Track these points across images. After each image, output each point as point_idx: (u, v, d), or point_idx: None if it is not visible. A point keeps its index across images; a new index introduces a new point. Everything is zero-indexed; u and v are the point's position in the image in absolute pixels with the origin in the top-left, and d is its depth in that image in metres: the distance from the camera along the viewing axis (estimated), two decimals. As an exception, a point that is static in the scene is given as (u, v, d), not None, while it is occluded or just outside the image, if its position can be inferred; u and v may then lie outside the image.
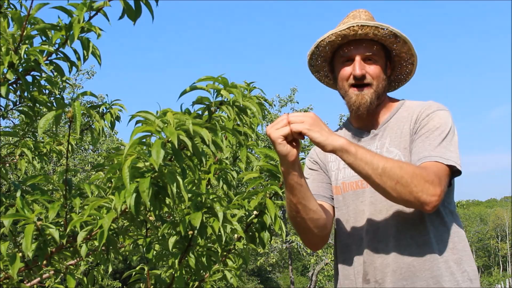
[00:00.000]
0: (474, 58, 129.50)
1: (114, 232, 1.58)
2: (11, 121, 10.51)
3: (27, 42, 1.55)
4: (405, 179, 1.46)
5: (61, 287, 2.03)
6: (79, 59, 1.59)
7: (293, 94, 19.44)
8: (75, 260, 1.82)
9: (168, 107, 1.37)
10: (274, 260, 19.84)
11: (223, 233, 1.60)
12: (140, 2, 1.53)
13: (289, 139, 1.49)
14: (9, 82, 1.53)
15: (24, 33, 1.53)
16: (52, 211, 1.43)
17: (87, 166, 14.56)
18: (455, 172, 1.59)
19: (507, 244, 58.93)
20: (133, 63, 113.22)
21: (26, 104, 2.01)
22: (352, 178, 1.74)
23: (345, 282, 1.75)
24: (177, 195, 1.32)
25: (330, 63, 1.81)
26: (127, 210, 1.40)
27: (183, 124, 1.28)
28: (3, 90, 1.50)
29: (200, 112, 1.50)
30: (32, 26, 1.55)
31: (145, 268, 1.81)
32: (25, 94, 1.61)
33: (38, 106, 1.90)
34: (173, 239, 1.66)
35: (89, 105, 1.67)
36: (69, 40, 1.51)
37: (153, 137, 1.32)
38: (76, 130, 1.39)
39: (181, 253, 1.69)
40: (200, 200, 1.62)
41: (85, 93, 1.69)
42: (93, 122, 2.11)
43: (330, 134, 1.48)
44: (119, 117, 2.19)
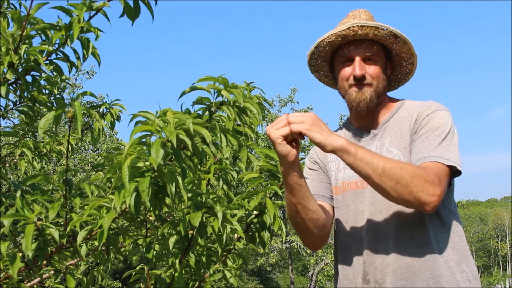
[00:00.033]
0: (474, 58, 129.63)
1: (114, 232, 1.58)
2: (11, 121, 10.51)
3: (26, 42, 1.55)
4: (405, 179, 1.46)
5: (61, 287, 2.03)
6: (78, 59, 1.59)
7: (293, 94, 19.45)
8: (75, 260, 1.82)
9: (168, 107, 1.37)
10: (274, 260, 19.84)
11: (223, 232, 1.60)
12: (139, 1, 1.53)
13: (289, 139, 1.48)
14: (9, 82, 1.53)
15: (24, 33, 1.53)
16: (52, 211, 1.43)
17: (87, 166, 14.56)
18: (455, 172, 1.59)
19: (507, 244, 58.91)
20: (133, 63, 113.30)
21: (26, 104, 2.01)
22: (352, 178, 1.74)
23: (344, 282, 1.75)
24: (177, 194, 1.32)
25: (330, 63, 1.81)
26: (127, 210, 1.40)
27: (183, 124, 1.28)
28: (3, 90, 1.50)
29: (201, 112, 1.50)
30: (32, 26, 1.55)
31: (145, 268, 1.81)
32: (25, 94, 1.61)
33: (38, 106, 1.90)
34: (173, 239, 1.65)
35: (89, 105, 1.67)
36: (69, 40, 1.51)
37: (153, 137, 1.32)
38: (78, 129, 1.39)
39: (181, 252, 1.68)
40: (201, 200, 1.62)
41: (85, 93, 1.69)
42: (93, 122, 2.11)
43: (330, 134, 1.48)
44: (119, 116, 2.19)
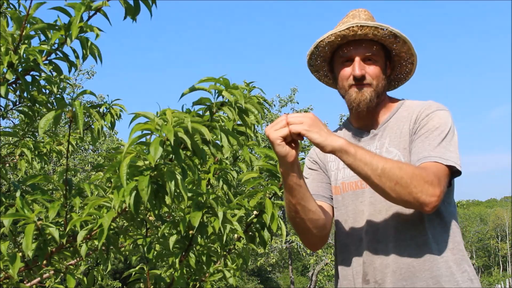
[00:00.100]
0: (474, 58, 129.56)
1: (114, 231, 1.58)
2: (11, 121, 10.52)
3: (26, 42, 1.55)
4: (404, 179, 1.46)
5: (61, 287, 2.03)
6: (77, 58, 1.59)
7: (293, 94, 19.45)
8: (75, 260, 1.82)
9: (168, 108, 1.37)
10: (274, 260, 19.84)
11: (223, 232, 1.60)
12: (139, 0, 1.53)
13: (288, 140, 1.48)
14: (8, 82, 1.53)
15: (23, 33, 1.53)
16: (52, 210, 1.43)
17: (87, 166, 14.56)
18: (454, 172, 1.58)
19: (507, 244, 58.88)
20: (133, 63, 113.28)
21: (26, 104, 2.01)
22: (352, 178, 1.74)
23: (343, 283, 1.75)
24: (176, 193, 1.32)
25: (330, 63, 1.81)
26: (126, 209, 1.40)
27: (182, 122, 1.28)
28: (2, 90, 1.50)
29: (201, 113, 1.50)
30: (31, 26, 1.55)
31: (145, 268, 1.81)
32: (25, 94, 1.61)
33: (38, 106, 1.90)
34: (173, 238, 1.65)
35: (89, 105, 1.67)
36: (68, 39, 1.51)
37: (153, 137, 1.32)
38: (80, 128, 1.39)
39: (182, 252, 1.69)
40: (201, 199, 1.62)
41: (84, 91, 1.68)
42: (93, 122, 2.11)
43: (329, 134, 1.47)
44: (120, 116, 2.19)
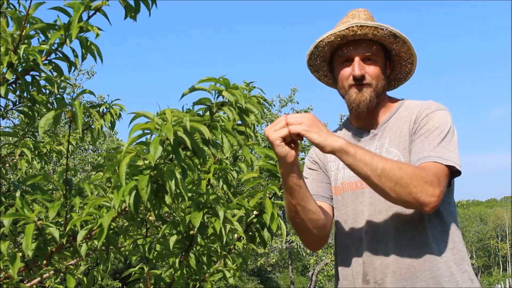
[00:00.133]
0: (474, 58, 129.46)
1: (114, 231, 1.57)
2: (11, 121, 10.52)
3: (26, 42, 1.55)
4: (404, 180, 1.46)
5: (61, 287, 2.03)
6: (76, 57, 1.59)
7: (293, 94, 19.43)
8: (75, 260, 1.82)
9: (168, 107, 1.37)
10: (274, 260, 19.84)
11: (224, 233, 1.60)
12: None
13: (287, 140, 1.48)
14: (8, 82, 1.53)
15: (23, 33, 1.53)
16: (52, 210, 1.43)
17: (87, 166, 14.56)
18: (454, 172, 1.58)
19: (507, 244, 58.86)
20: (133, 63, 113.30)
21: (26, 104, 2.01)
22: (352, 179, 1.74)
23: (343, 283, 1.75)
24: (176, 193, 1.32)
25: (329, 63, 1.81)
26: (126, 209, 1.40)
27: (181, 122, 1.28)
28: (2, 90, 1.50)
29: (201, 113, 1.50)
30: (31, 25, 1.55)
31: (145, 267, 1.81)
32: (25, 94, 1.61)
33: (38, 106, 1.90)
34: (174, 239, 1.65)
35: (89, 105, 1.67)
36: (68, 39, 1.50)
37: (153, 136, 1.32)
38: (79, 128, 1.39)
39: (182, 252, 1.68)
40: (202, 200, 1.61)
41: (84, 91, 1.68)
42: (93, 122, 2.11)
43: (328, 135, 1.47)
44: (120, 116, 2.19)
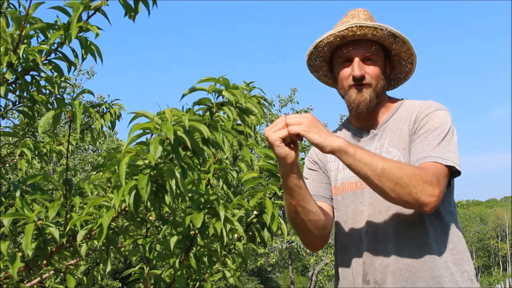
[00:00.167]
0: (474, 58, 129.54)
1: (114, 231, 1.57)
2: (11, 121, 10.53)
3: (25, 42, 1.55)
4: (404, 180, 1.46)
5: (61, 287, 2.03)
6: (76, 57, 1.59)
7: (293, 94, 19.42)
8: (75, 260, 1.82)
9: (168, 107, 1.37)
10: (274, 260, 19.83)
11: (225, 233, 1.59)
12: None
13: (287, 141, 1.47)
14: (8, 82, 1.53)
15: (23, 33, 1.53)
16: (52, 210, 1.43)
17: (87, 166, 14.56)
18: (454, 172, 1.58)
19: (507, 244, 58.86)
20: (133, 63, 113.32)
21: (26, 104, 2.01)
22: (352, 179, 1.74)
23: (343, 283, 1.75)
24: (177, 193, 1.32)
25: (329, 63, 1.81)
26: (126, 209, 1.40)
27: (181, 121, 1.28)
28: (2, 90, 1.50)
29: (202, 113, 1.50)
30: (31, 25, 1.55)
31: (145, 268, 1.81)
32: (24, 94, 1.61)
33: (38, 106, 1.90)
34: (174, 239, 1.65)
35: (89, 105, 1.67)
36: (67, 39, 1.50)
37: (154, 136, 1.32)
38: (77, 128, 1.39)
39: (183, 252, 1.68)
40: (202, 200, 1.61)
41: (83, 91, 1.68)
42: (93, 122, 2.10)
43: (328, 135, 1.47)
44: (119, 116, 2.19)
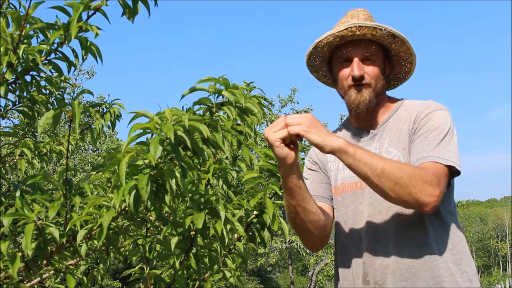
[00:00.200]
0: (474, 58, 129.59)
1: (114, 231, 1.57)
2: (11, 121, 10.53)
3: (25, 41, 1.55)
4: (403, 180, 1.46)
5: (61, 287, 2.02)
6: (76, 57, 1.59)
7: (293, 94, 19.41)
8: (75, 260, 1.82)
9: (168, 107, 1.37)
10: (274, 260, 19.83)
11: (225, 234, 1.59)
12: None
13: (287, 141, 1.47)
14: (8, 82, 1.53)
15: (23, 33, 1.53)
16: (52, 210, 1.43)
17: (87, 166, 14.55)
18: (454, 172, 1.58)
19: (507, 244, 58.86)
20: (133, 63, 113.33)
21: (26, 104, 2.01)
22: (352, 179, 1.73)
23: (344, 283, 1.75)
24: (177, 193, 1.32)
25: (329, 63, 1.81)
26: (126, 208, 1.40)
27: (181, 121, 1.28)
28: (2, 90, 1.50)
29: (201, 112, 1.50)
30: (31, 25, 1.55)
31: (145, 267, 1.81)
32: (24, 94, 1.61)
33: (38, 106, 1.90)
34: (175, 239, 1.65)
35: (89, 105, 1.67)
36: (67, 39, 1.50)
37: (154, 136, 1.32)
38: (75, 128, 1.39)
39: (183, 253, 1.68)
40: (203, 200, 1.61)
41: (83, 91, 1.68)
42: (93, 122, 2.10)
43: (328, 135, 1.47)
44: (120, 115, 2.18)
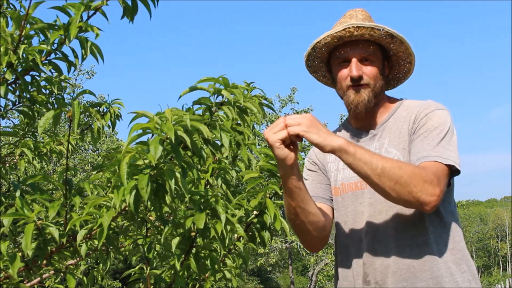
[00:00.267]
0: (474, 58, 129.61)
1: (114, 231, 1.57)
2: (11, 121, 10.54)
3: (25, 42, 1.55)
4: (404, 179, 1.46)
5: (61, 287, 2.02)
6: (76, 58, 1.59)
7: (293, 94, 19.40)
8: (75, 260, 1.82)
9: (168, 107, 1.36)
10: (274, 260, 19.83)
11: (226, 235, 1.59)
12: (137, 0, 1.53)
13: (287, 142, 1.47)
14: (8, 82, 1.53)
15: (23, 33, 1.53)
16: (52, 210, 1.43)
17: (87, 166, 14.56)
18: (454, 171, 1.58)
19: (507, 244, 58.85)
20: (133, 63, 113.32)
21: (26, 104, 2.01)
22: (352, 179, 1.73)
23: (344, 283, 1.75)
24: (177, 193, 1.32)
25: (327, 64, 1.81)
26: (127, 208, 1.40)
27: (181, 121, 1.28)
28: (2, 90, 1.50)
29: (201, 112, 1.50)
30: (31, 25, 1.55)
31: (145, 268, 1.81)
32: (24, 94, 1.61)
33: (38, 106, 1.90)
34: (176, 240, 1.65)
35: (89, 105, 1.67)
36: (67, 39, 1.50)
37: (154, 136, 1.32)
38: (74, 128, 1.39)
39: (184, 253, 1.68)
40: (204, 201, 1.61)
41: (84, 91, 1.68)
42: (93, 122, 2.10)
43: (328, 134, 1.47)
44: (120, 115, 2.18)
